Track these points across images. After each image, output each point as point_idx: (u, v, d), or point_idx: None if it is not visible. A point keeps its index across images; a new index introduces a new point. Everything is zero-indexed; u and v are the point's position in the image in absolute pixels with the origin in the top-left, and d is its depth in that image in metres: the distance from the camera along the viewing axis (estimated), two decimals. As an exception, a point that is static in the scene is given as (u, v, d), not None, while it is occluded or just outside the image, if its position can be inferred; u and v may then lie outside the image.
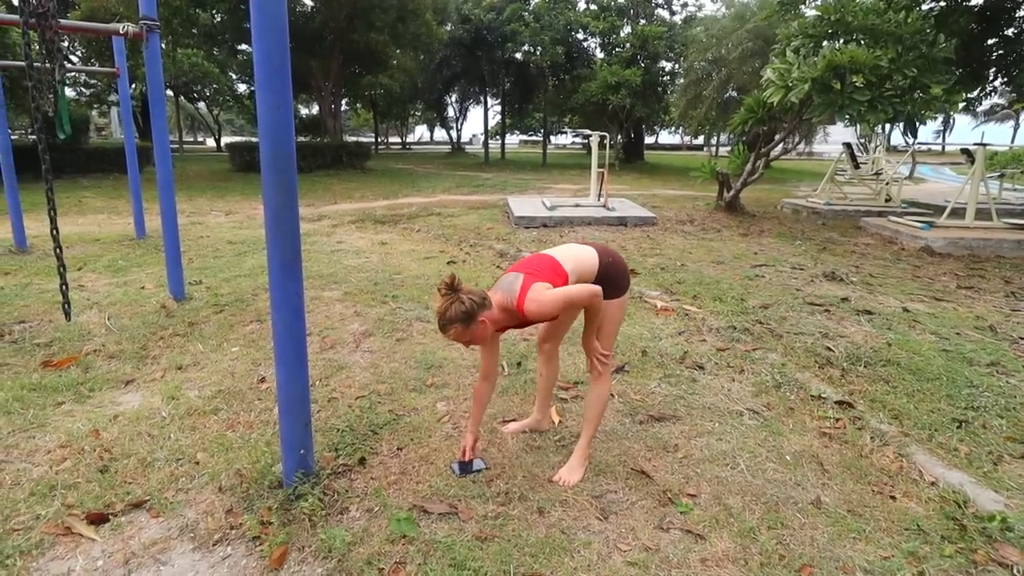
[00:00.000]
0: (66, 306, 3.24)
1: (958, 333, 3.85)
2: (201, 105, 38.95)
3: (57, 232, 3.03)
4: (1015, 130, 34.42)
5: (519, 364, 3.29)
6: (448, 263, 5.91)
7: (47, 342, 3.49)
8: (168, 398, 2.81)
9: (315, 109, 28.37)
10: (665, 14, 23.32)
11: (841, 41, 6.45)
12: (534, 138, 52.60)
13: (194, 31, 17.31)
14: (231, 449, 2.35)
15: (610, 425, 2.66)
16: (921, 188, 17.01)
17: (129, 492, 2.06)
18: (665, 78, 23.30)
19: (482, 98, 29.28)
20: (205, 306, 4.25)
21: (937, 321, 4.10)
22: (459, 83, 29.63)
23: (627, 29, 22.34)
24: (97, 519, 1.90)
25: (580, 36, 23.20)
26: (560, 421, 2.67)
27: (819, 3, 6.96)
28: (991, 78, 9.71)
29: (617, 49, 22.19)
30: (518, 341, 3.65)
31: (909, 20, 6.10)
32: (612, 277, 2.14)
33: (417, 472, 2.23)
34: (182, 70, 25.32)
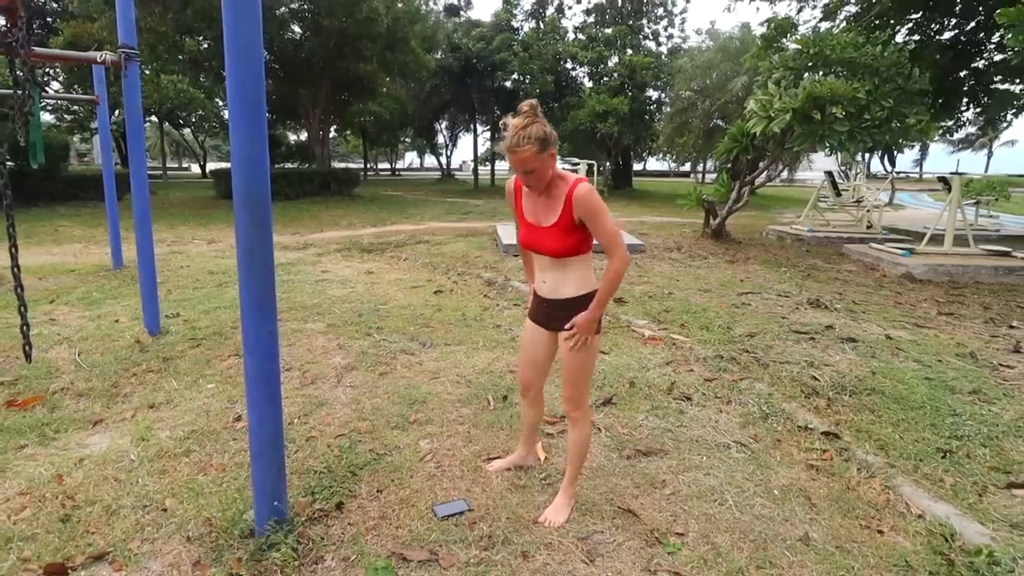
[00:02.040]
0: (27, 348, 3.14)
1: (940, 360, 3.88)
2: (187, 131, 39.06)
3: (18, 270, 2.95)
4: (988, 158, 35.55)
5: (505, 398, 3.25)
6: (435, 292, 5.88)
7: (12, 380, 3.38)
8: (138, 439, 2.72)
9: (304, 136, 28.55)
10: (652, 45, 23.99)
11: (820, 74, 6.65)
12: (523, 165, 53.08)
13: (180, 57, 17.44)
14: (201, 495, 2.26)
15: (597, 461, 2.61)
16: (900, 215, 17.38)
17: (91, 543, 1.97)
18: (652, 106, 23.82)
19: (472, 125, 29.68)
20: (181, 340, 4.16)
21: (919, 348, 4.12)
22: (449, 110, 30.06)
23: (615, 59, 22.91)
24: (55, 573, 1.81)
25: (569, 66, 23.73)
26: (546, 458, 2.62)
27: (797, 38, 7.19)
28: (963, 109, 10.03)
29: (605, 78, 22.70)
30: (504, 374, 3.61)
31: (885, 54, 6.31)
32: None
33: (397, 516, 2.16)
34: (167, 96, 25.41)
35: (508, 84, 24.29)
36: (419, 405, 3.15)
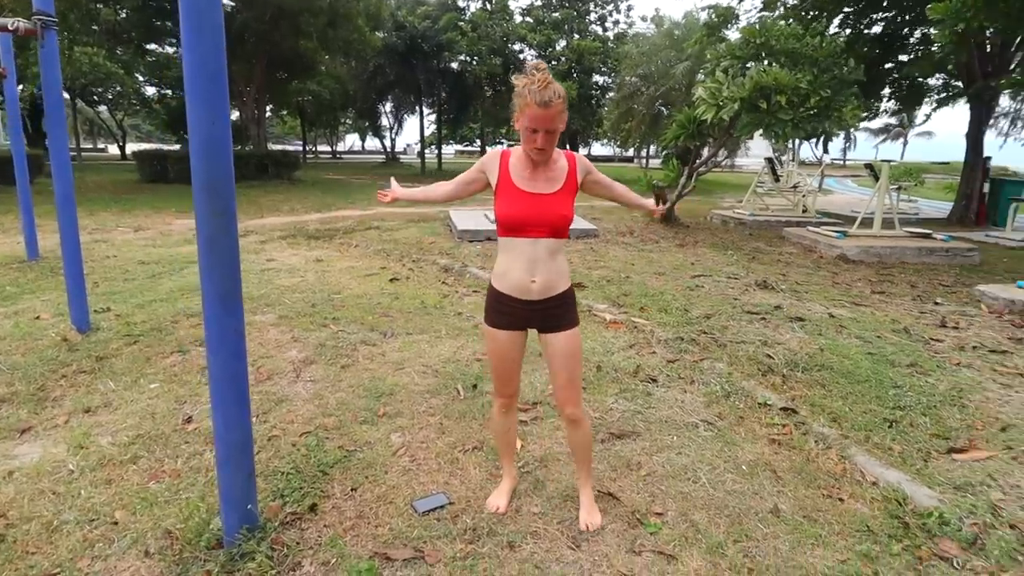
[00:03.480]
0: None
1: (879, 336, 4.15)
2: (102, 109, 35.96)
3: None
4: (904, 147, 38.46)
5: (475, 387, 3.20)
6: (391, 280, 5.72)
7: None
8: (75, 447, 2.49)
9: (235, 115, 27.01)
10: (599, 30, 24.12)
11: (765, 63, 6.89)
12: (470, 148, 52.61)
13: (95, 28, 15.93)
14: (156, 504, 2.10)
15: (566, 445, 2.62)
16: (830, 199, 18.45)
17: (33, 565, 1.78)
18: (598, 92, 24.05)
19: (418, 107, 28.98)
20: (115, 337, 3.84)
21: (860, 325, 4.39)
22: (393, 91, 29.18)
23: (562, 43, 22.91)
24: (-3, 599, 1.63)
25: (517, 48, 23.53)
26: (522, 446, 2.60)
27: (743, 27, 7.40)
28: (887, 99, 10.70)
29: (553, 62, 22.68)
30: (471, 362, 3.55)
31: (824, 44, 6.61)
32: None
33: (375, 514, 2.08)
34: (80, 71, 23.26)
35: (455, 65, 23.83)
36: (386, 398, 3.05)
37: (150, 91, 28.87)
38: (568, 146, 26.79)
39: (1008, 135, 24.91)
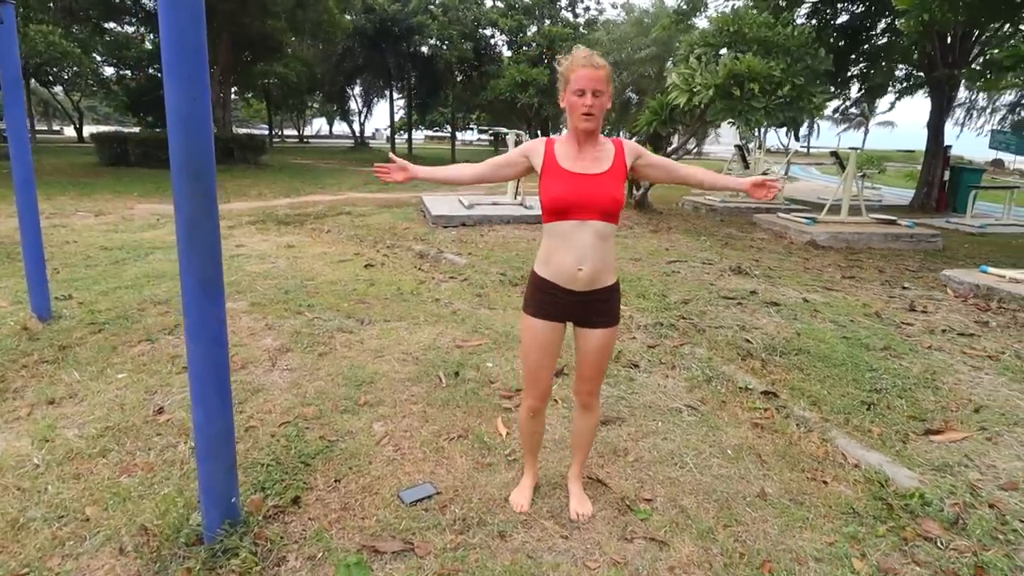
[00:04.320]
0: None
1: (852, 320, 4.24)
2: (58, 90, 34.04)
3: None
4: (865, 135, 39.70)
5: (456, 374, 3.14)
6: (365, 266, 5.58)
7: None
8: (40, 440, 2.34)
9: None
10: (570, 16, 23.94)
11: (738, 52, 6.93)
12: (440, 134, 51.89)
13: (50, 5, 14.99)
14: (130, 499, 1.99)
15: (559, 433, 2.59)
16: (796, 186, 18.87)
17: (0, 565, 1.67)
18: (569, 78, 23.92)
19: (387, 91, 28.36)
20: (79, 325, 3.64)
21: (833, 310, 4.48)
22: (362, 75, 28.48)
23: (533, 28, 22.67)
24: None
25: (488, 33, 23.18)
26: (508, 433, 2.56)
27: (714, 15, 7.42)
28: (854, 88, 10.94)
29: (524, 48, 22.43)
30: (452, 349, 3.49)
31: (796, 34, 6.68)
32: None
33: (361, 506, 2.02)
34: (35, 49, 21.91)
35: (425, 50, 23.34)
36: (367, 386, 2.97)
37: (108, 71, 27.39)
38: (540, 133, 26.68)
39: (964, 125, 25.93)
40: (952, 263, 6.40)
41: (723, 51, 6.96)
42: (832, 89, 9.20)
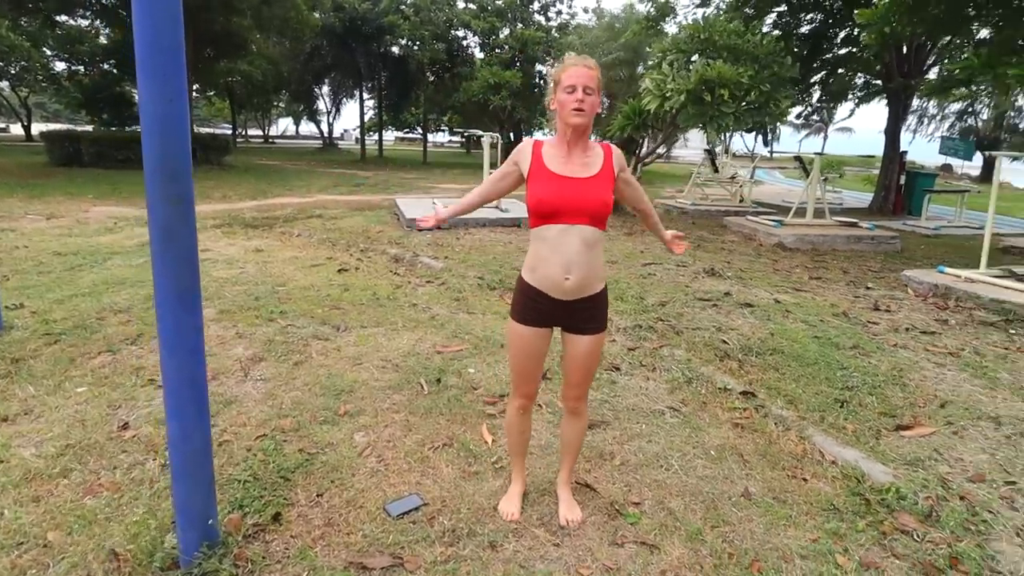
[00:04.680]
0: None
1: (822, 320, 4.37)
2: (3, 85, 32.34)
3: None
4: (824, 141, 41.23)
5: (438, 381, 3.09)
6: (339, 271, 5.47)
7: None
8: (-5, 460, 2.20)
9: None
10: (542, 20, 24.07)
11: (709, 59, 7.08)
12: (411, 135, 51.44)
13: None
14: (96, 523, 1.88)
15: (544, 439, 2.58)
16: (761, 190, 19.37)
17: (-47, 601, 1.55)
18: (542, 81, 24.07)
19: (357, 92, 27.96)
20: (33, 336, 3.45)
21: (803, 310, 4.61)
22: (331, 75, 28.01)
23: (506, 31, 22.70)
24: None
25: (460, 34, 23.11)
26: (493, 440, 2.53)
27: (686, 22, 7.57)
28: (815, 95, 11.31)
29: (497, 50, 22.44)
30: (432, 355, 3.44)
31: (764, 42, 6.87)
32: None
33: (345, 521, 1.96)
34: (-20, 43, 20.80)
35: (396, 50, 23.11)
36: (346, 395, 2.90)
37: (60, 67, 26.16)
38: (512, 136, 26.72)
39: (916, 132, 27.12)
40: (911, 264, 6.66)
41: (694, 58, 7.12)
42: (797, 95, 9.50)
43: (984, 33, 6.53)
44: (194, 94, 28.70)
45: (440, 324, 4.01)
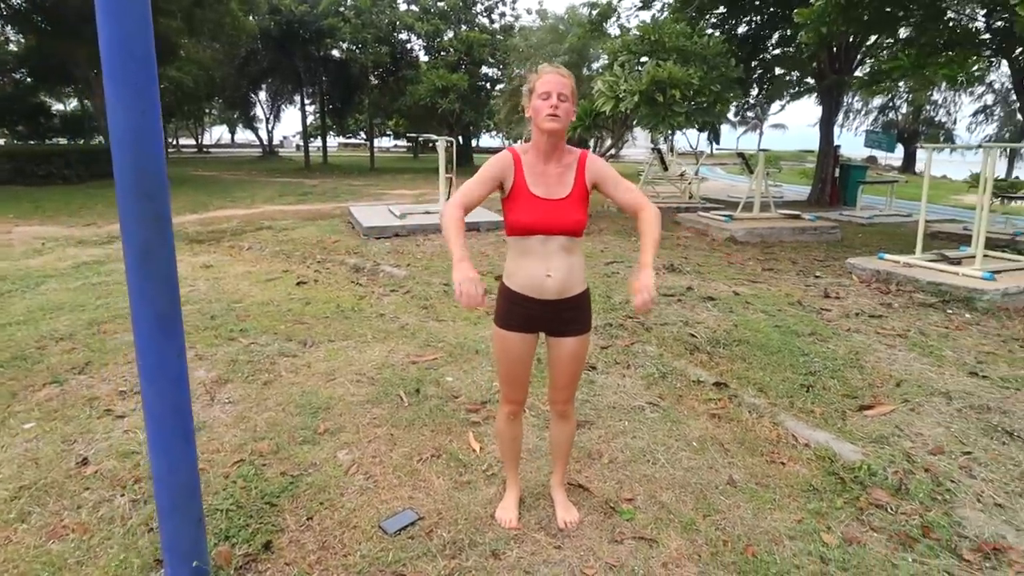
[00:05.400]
0: None
1: (780, 310, 4.57)
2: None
3: None
4: (760, 137, 43.45)
5: (417, 391, 3.04)
6: (297, 284, 5.29)
7: None
8: (-60, 511, 2.00)
9: (74, 104, 23.51)
10: (486, 21, 24.09)
11: (659, 60, 7.30)
12: (354, 141, 50.29)
13: None
14: (66, 568, 1.74)
15: (531, 443, 2.58)
16: (707, 186, 20.09)
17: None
18: (488, 84, 24.12)
19: (297, 97, 27.12)
20: (-33, 369, 3.17)
21: (762, 301, 4.81)
22: (269, 80, 27.07)
23: (450, 33, 22.59)
24: None
25: (404, 37, 22.80)
26: (481, 447, 2.51)
27: (628, 24, 7.77)
28: (756, 94, 11.86)
29: (442, 52, 22.29)
30: (407, 366, 3.37)
31: (711, 44, 7.14)
32: None
33: (341, 542, 1.89)
34: None
35: (337, 53, 22.58)
36: (323, 413, 2.80)
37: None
38: (461, 139, 26.62)
39: (843, 126, 28.85)
40: (851, 252, 7.07)
41: (644, 59, 7.32)
42: (742, 94, 9.94)
43: (903, 32, 7.05)
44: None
45: (411, 333, 3.94)
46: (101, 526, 1.95)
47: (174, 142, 44.73)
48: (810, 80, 12.25)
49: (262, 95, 31.90)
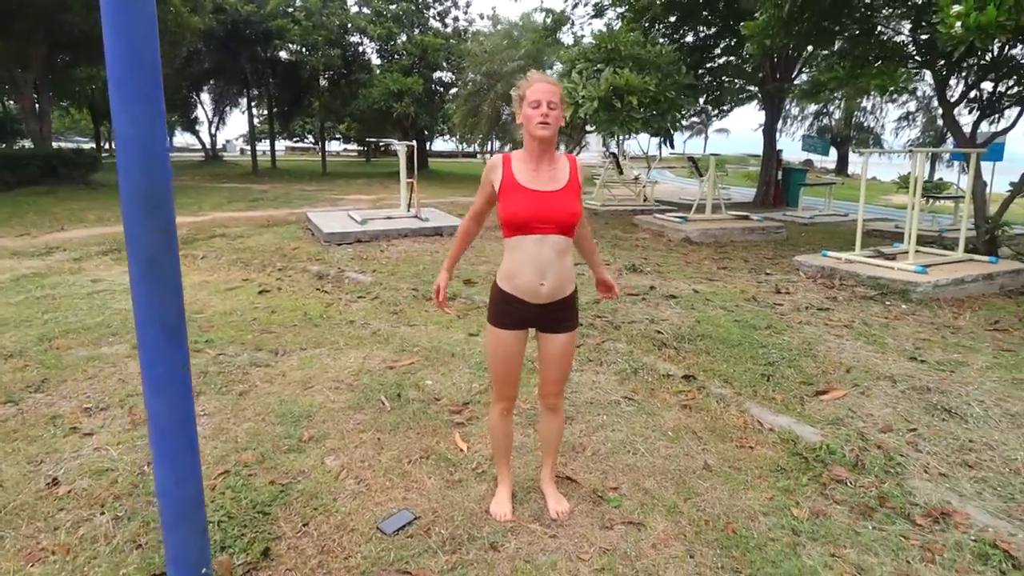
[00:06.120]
0: None
1: (737, 305, 4.83)
2: None
3: None
4: (705, 141, 45.32)
5: (399, 395, 3.06)
6: (260, 292, 5.17)
7: None
8: (-97, 540, 1.88)
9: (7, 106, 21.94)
10: (440, 26, 24.03)
11: (616, 68, 7.54)
12: (302, 145, 49.00)
13: None
14: (53, 589, 1.68)
15: (517, 439, 2.65)
16: (658, 189, 20.73)
17: None
18: (442, 88, 24.05)
19: (243, 100, 26.23)
20: (-90, 390, 2.96)
21: (720, 298, 5.07)
22: (212, 82, 26.05)
23: (404, 37, 22.41)
24: None
25: (356, 40, 22.43)
26: (468, 447, 2.56)
27: (582, 32, 7.98)
28: (704, 100, 12.40)
29: (396, 56, 22.08)
30: (384, 371, 3.39)
31: (665, 52, 7.44)
32: None
33: (340, 545, 1.91)
34: None
35: (284, 55, 21.99)
36: (305, 421, 2.78)
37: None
38: (417, 142, 26.48)
39: (781, 131, 30.42)
40: (797, 250, 7.52)
41: (599, 66, 7.54)
42: (693, 101, 10.38)
43: (838, 45, 7.59)
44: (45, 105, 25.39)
45: (384, 339, 3.95)
46: (84, 546, 1.89)
47: (108, 146, 42.37)
48: (753, 88, 12.92)
49: (205, 97, 30.67)
